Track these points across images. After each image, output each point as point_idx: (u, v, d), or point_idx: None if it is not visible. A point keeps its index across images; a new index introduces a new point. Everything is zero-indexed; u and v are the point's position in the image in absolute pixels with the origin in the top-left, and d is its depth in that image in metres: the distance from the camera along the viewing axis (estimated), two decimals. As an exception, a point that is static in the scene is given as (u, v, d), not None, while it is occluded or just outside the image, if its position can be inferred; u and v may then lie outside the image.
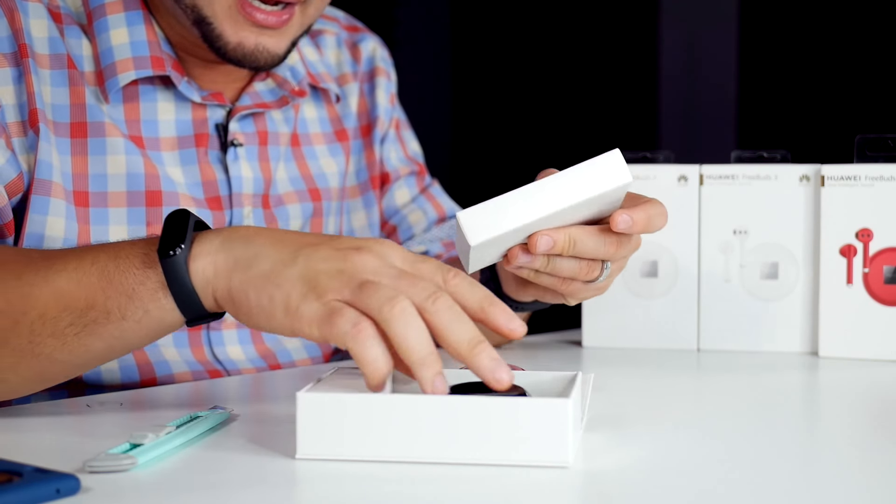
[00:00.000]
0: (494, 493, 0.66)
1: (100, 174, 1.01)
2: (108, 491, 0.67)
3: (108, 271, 0.77)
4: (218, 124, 1.08)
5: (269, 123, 1.12)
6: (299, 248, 0.74)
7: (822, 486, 0.68)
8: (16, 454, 0.70)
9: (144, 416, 0.87)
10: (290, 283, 0.72)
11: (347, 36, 1.26)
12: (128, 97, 1.04)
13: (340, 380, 0.78)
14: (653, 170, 1.14)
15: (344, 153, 1.20)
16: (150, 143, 1.04)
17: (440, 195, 1.29)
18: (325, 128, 1.19)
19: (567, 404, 0.69)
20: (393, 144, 1.26)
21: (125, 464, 0.70)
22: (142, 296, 0.76)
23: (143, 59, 1.02)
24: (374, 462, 0.70)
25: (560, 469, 0.69)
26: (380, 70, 1.26)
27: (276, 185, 1.12)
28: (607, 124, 3.15)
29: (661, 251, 1.14)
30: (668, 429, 0.82)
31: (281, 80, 1.13)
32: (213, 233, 0.77)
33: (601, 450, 0.75)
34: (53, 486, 0.65)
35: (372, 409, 0.70)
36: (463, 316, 0.70)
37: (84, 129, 1.01)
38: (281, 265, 0.73)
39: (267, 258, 0.74)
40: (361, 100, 1.24)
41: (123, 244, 0.79)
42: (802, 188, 1.12)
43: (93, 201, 1.01)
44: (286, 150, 1.14)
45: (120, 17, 1.03)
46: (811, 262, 1.12)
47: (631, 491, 0.67)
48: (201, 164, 1.07)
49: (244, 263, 0.74)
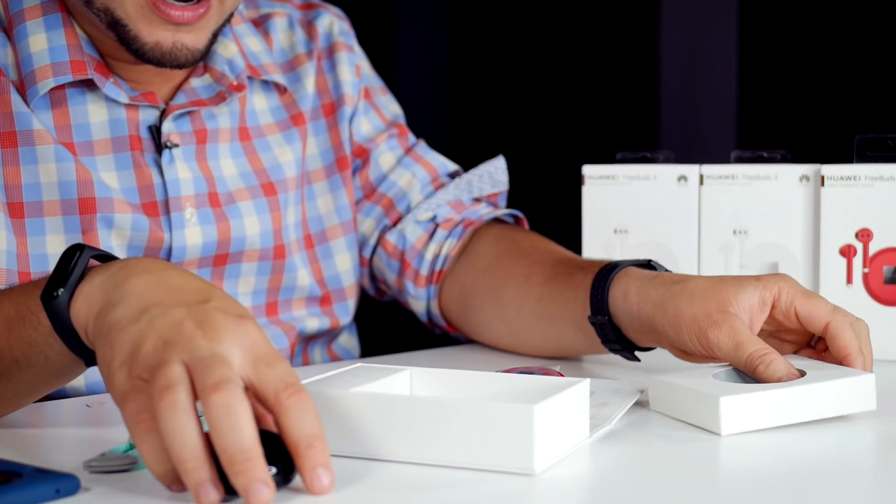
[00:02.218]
0: (456, 498, 0.66)
1: (33, 184, 0.99)
2: (107, 491, 0.67)
3: (10, 319, 0.75)
4: (150, 126, 1.04)
5: (207, 121, 1.08)
6: (154, 305, 0.67)
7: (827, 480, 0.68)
8: (15, 454, 0.70)
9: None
10: (120, 344, 0.66)
11: (301, 15, 1.21)
12: (55, 102, 1.01)
13: (346, 377, 0.78)
14: (653, 170, 1.14)
15: (301, 138, 1.15)
16: (83, 147, 1.02)
17: (427, 153, 1.23)
18: (279, 115, 1.15)
19: (532, 410, 0.68)
20: (365, 115, 1.21)
21: (125, 464, 0.70)
22: (38, 342, 0.74)
23: (62, 64, 0.99)
24: (346, 458, 0.71)
25: (527, 476, 0.68)
26: (339, 45, 1.20)
27: (223, 183, 1.08)
28: (607, 123, 3.15)
29: (661, 251, 1.14)
30: (658, 434, 0.81)
31: (219, 75, 1.08)
32: (102, 268, 0.72)
33: (584, 456, 0.74)
34: (53, 486, 0.65)
35: (353, 406, 0.72)
36: (239, 415, 0.62)
37: (14, 138, 0.99)
38: (126, 320, 0.67)
39: (123, 307, 0.68)
40: (320, 77, 1.18)
41: (28, 288, 0.76)
42: (802, 188, 1.12)
43: (28, 212, 0.99)
44: (234, 146, 1.10)
45: (38, 23, 1.00)
46: (811, 262, 1.12)
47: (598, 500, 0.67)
48: (137, 167, 1.03)
49: (109, 306, 0.69)
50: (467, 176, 1.20)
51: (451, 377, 0.80)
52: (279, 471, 0.64)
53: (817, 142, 2.13)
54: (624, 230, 1.15)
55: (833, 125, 2.64)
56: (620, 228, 1.15)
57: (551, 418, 0.70)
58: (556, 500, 0.66)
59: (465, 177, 1.20)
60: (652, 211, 1.14)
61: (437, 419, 0.69)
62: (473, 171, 1.20)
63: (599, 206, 1.15)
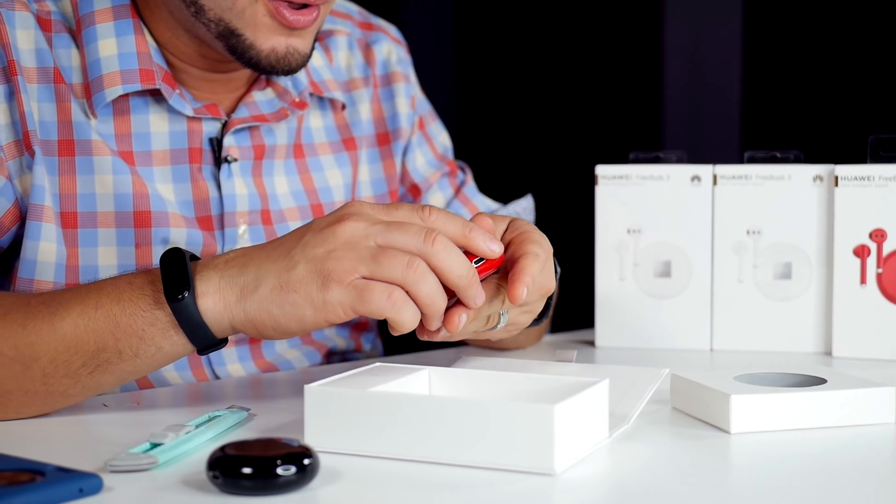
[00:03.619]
0: (477, 498, 0.66)
1: (88, 194, 0.99)
2: (129, 490, 0.67)
3: (113, 314, 0.80)
4: (212, 138, 1.04)
5: (266, 136, 1.08)
6: (288, 251, 0.78)
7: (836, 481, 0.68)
8: (34, 453, 0.70)
9: (161, 415, 0.87)
10: (302, 282, 0.77)
11: (361, 35, 1.20)
12: (118, 111, 1.00)
13: (365, 376, 0.79)
14: (666, 170, 1.14)
15: (351, 163, 1.15)
16: (141, 157, 1.01)
17: (474, 195, 1.24)
18: (332, 136, 1.15)
19: (552, 410, 0.68)
20: (420, 148, 1.21)
21: (146, 463, 0.70)
22: (153, 335, 0.81)
23: (131, 72, 0.99)
24: (374, 458, 0.72)
25: (547, 476, 0.68)
26: (397, 75, 1.20)
27: (276, 200, 1.08)
28: (611, 123, 3.15)
29: (674, 251, 1.14)
30: (676, 434, 0.81)
31: (281, 90, 1.09)
32: (208, 269, 0.80)
33: (602, 456, 0.74)
34: (76, 486, 0.65)
35: (373, 405, 0.72)
36: (454, 248, 0.77)
37: (72, 146, 0.98)
38: (285, 272, 0.78)
39: (268, 273, 0.78)
40: (376, 106, 1.18)
41: (122, 285, 0.82)
42: (816, 188, 1.12)
43: (81, 222, 0.99)
44: (288, 163, 1.10)
45: (109, 27, 0.99)
46: (824, 262, 1.11)
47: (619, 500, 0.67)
48: (194, 180, 1.03)
49: (250, 287, 0.79)
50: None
51: (470, 377, 0.81)
52: (298, 469, 0.65)
53: (822, 142, 2.13)
54: (637, 230, 1.15)
55: (839, 125, 2.64)
56: (633, 228, 1.15)
57: (571, 418, 0.70)
58: (576, 500, 0.66)
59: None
60: (665, 211, 1.14)
61: (458, 419, 0.69)
62: (501, 211, 1.21)
63: (612, 206, 1.15)
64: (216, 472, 0.65)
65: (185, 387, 1.02)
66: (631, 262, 1.15)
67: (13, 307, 0.83)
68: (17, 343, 0.81)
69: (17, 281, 0.98)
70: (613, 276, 1.15)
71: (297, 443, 0.68)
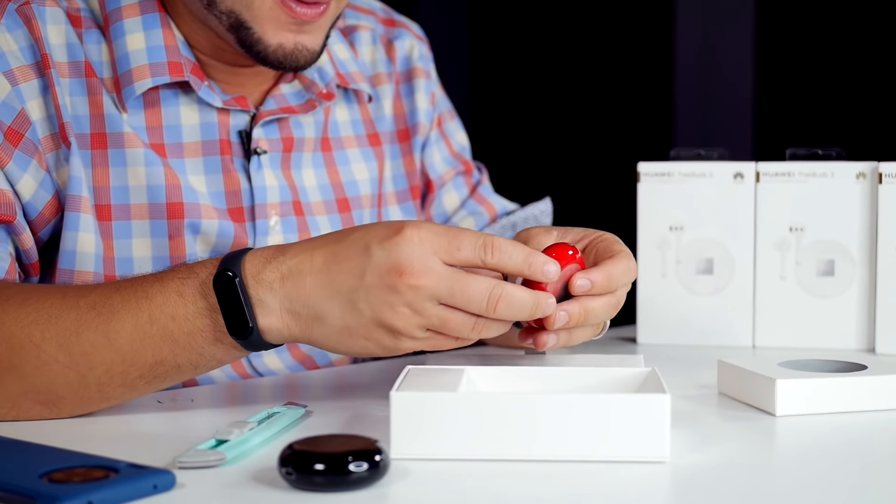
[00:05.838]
0: (592, 489, 0.67)
1: (121, 186, 0.99)
2: (201, 487, 0.66)
3: (169, 331, 0.80)
4: (241, 131, 1.05)
5: (294, 129, 1.08)
6: (350, 290, 0.77)
7: None
8: (98, 450, 0.70)
9: (220, 412, 0.87)
10: (371, 331, 0.78)
11: (384, 31, 1.21)
12: (148, 103, 1.00)
13: (419, 379, 0.78)
14: (709, 167, 1.14)
15: (377, 158, 1.16)
16: (173, 149, 1.01)
17: (490, 194, 1.24)
18: (358, 130, 1.15)
19: (666, 399, 0.70)
20: (437, 145, 1.22)
21: (214, 459, 0.70)
22: (215, 353, 0.82)
23: (160, 65, 0.99)
24: (468, 461, 0.70)
25: (657, 464, 0.70)
26: (418, 71, 1.20)
27: (305, 193, 1.09)
28: (623, 123, 3.15)
29: (716, 248, 1.14)
30: (743, 427, 0.82)
31: (308, 83, 1.09)
32: (261, 288, 0.79)
33: (689, 447, 0.75)
34: (150, 482, 0.64)
35: (471, 407, 0.71)
36: (514, 305, 0.78)
37: (104, 139, 0.99)
38: (350, 317, 0.78)
39: (331, 312, 0.78)
40: (397, 102, 1.19)
41: (171, 296, 0.81)
42: (859, 185, 1.11)
43: (115, 214, 0.99)
44: (315, 156, 1.10)
45: (136, 21, 1.00)
46: (867, 259, 1.11)
47: (727, 487, 0.67)
48: (226, 172, 1.03)
49: (313, 320, 0.79)
50: (513, 217, 1.21)
51: (511, 374, 0.82)
52: (370, 465, 0.65)
53: (831, 141, 2.13)
54: (679, 227, 1.14)
55: (850, 122, 2.64)
56: (676, 225, 1.14)
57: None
58: (688, 486, 0.68)
59: (511, 218, 1.21)
60: (707, 208, 1.14)
61: (572, 414, 0.70)
62: (519, 213, 1.21)
63: (654, 203, 1.15)
64: (289, 469, 0.65)
65: (227, 385, 1.01)
66: (673, 259, 1.15)
67: (63, 310, 0.82)
68: (72, 351, 0.80)
69: (57, 272, 0.98)
70: (655, 273, 1.15)
71: (368, 439, 0.67)
